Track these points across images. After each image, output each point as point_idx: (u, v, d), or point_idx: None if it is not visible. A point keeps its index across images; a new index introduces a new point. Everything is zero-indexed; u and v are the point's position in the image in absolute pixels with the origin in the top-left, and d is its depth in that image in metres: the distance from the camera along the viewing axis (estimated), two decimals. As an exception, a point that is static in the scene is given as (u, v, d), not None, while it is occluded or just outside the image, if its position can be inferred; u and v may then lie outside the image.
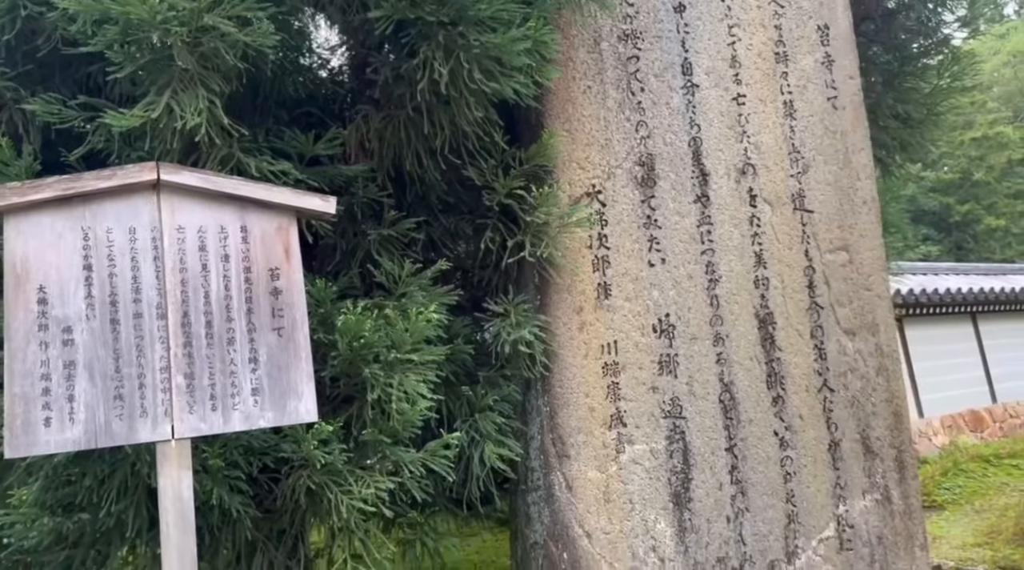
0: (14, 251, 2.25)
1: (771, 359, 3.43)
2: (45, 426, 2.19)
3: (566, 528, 3.18)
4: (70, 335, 2.26)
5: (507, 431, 3.35)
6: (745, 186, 3.53)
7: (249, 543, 3.02)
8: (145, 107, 2.58)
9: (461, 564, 7.26)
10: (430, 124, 3.11)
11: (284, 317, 2.54)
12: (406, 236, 3.43)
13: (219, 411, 2.39)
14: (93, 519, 2.74)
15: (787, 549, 3.31)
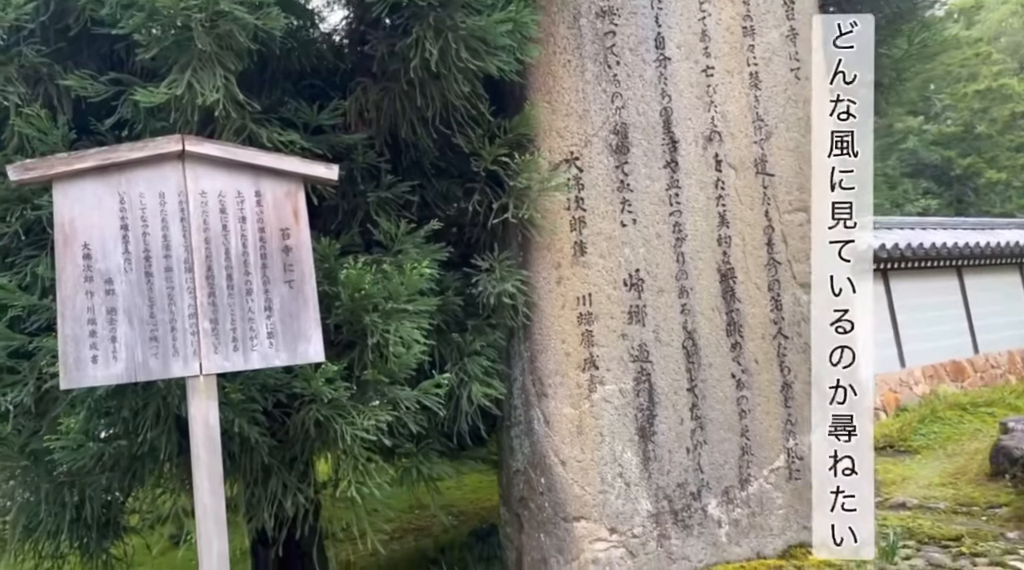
0: (62, 213, 2.61)
1: (731, 310, 3.81)
2: (93, 363, 2.59)
3: (543, 457, 3.61)
4: (111, 285, 2.64)
5: (492, 373, 3.75)
6: (711, 152, 3.86)
7: (265, 468, 3.45)
8: (169, 84, 2.92)
9: (458, 501, 7.77)
10: (422, 97, 3.43)
11: (294, 271, 2.91)
12: (402, 198, 3.78)
13: (240, 352, 2.78)
14: (129, 445, 3.16)
15: (741, 477, 3.74)
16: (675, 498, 3.62)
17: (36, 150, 3.12)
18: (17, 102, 3.09)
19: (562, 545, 3.52)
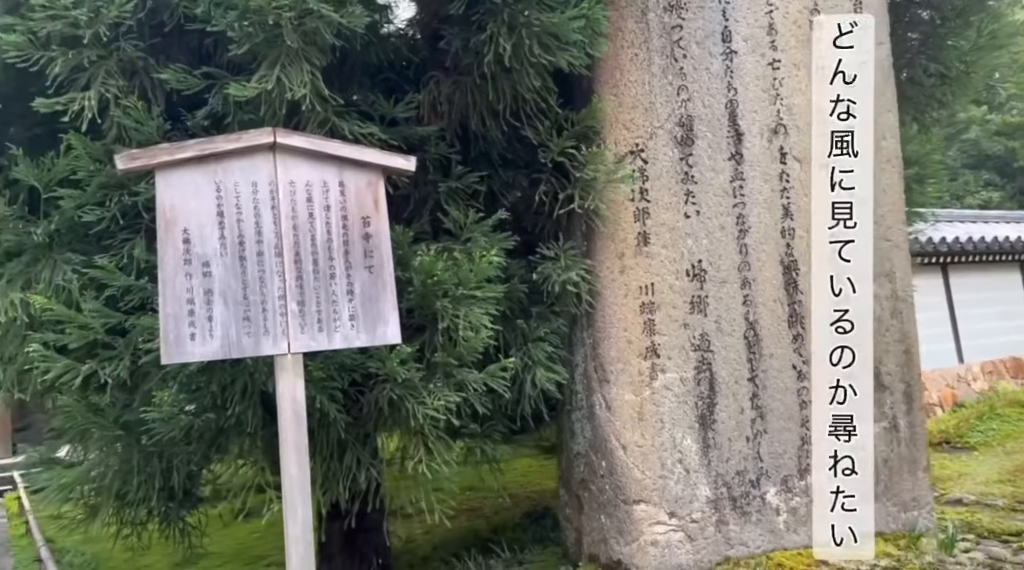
0: (164, 200, 2.80)
1: (793, 301, 3.86)
2: (191, 340, 2.77)
3: (605, 441, 3.72)
4: (208, 268, 2.82)
5: (555, 359, 3.87)
6: (777, 145, 3.90)
7: (340, 443, 3.63)
8: (259, 79, 3.08)
9: (508, 484, 7.92)
10: (494, 90, 3.55)
11: (374, 257, 3.06)
12: (470, 188, 3.91)
13: (324, 332, 2.94)
14: (217, 418, 3.36)
15: (800, 466, 3.80)
16: (734, 485, 3.70)
17: (133, 140, 3.32)
18: (116, 94, 3.28)
19: (622, 527, 3.63)
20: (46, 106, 3.15)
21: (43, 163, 3.40)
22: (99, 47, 3.25)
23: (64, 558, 7.10)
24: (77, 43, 3.19)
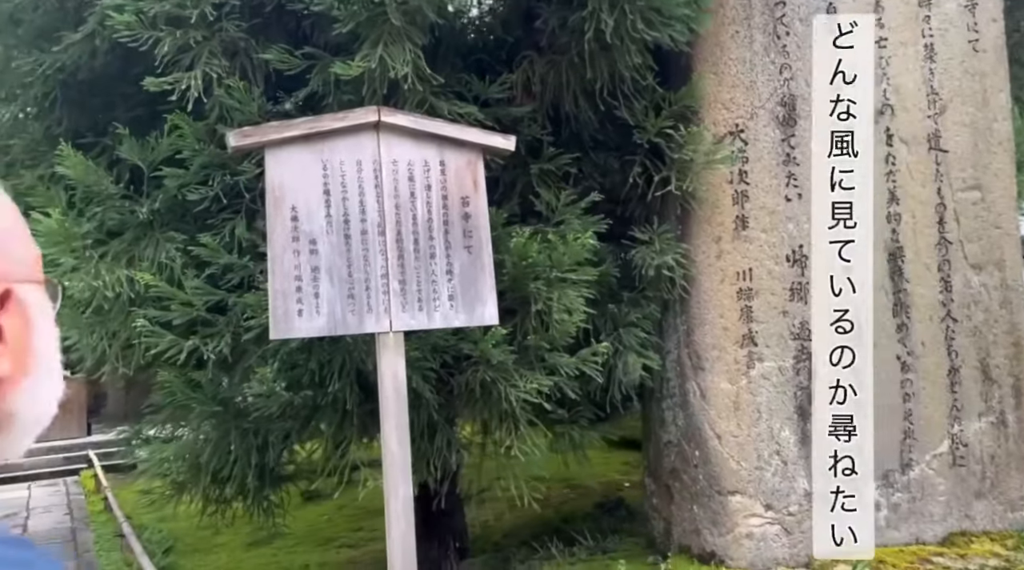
0: (272, 178, 2.82)
1: (898, 289, 3.71)
2: (299, 316, 2.79)
3: (698, 430, 3.63)
4: (315, 246, 2.83)
5: (647, 345, 3.80)
6: (883, 126, 3.75)
7: (431, 424, 3.63)
8: (363, 58, 3.08)
9: (576, 475, 7.85)
10: (591, 69, 3.48)
11: (473, 238, 3.03)
12: (561, 170, 3.85)
13: (424, 311, 2.93)
14: (314, 395, 3.39)
15: (902, 461, 3.66)
16: (833, 478, 3.58)
17: (235, 119, 3.36)
18: (219, 74, 3.32)
19: (716, 518, 3.54)
20: (155, 85, 3.20)
21: (147, 143, 3.46)
22: (204, 27, 3.28)
23: (143, 535, 7.33)
24: (183, 23, 3.23)
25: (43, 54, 3.48)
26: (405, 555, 2.81)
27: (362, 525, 7.17)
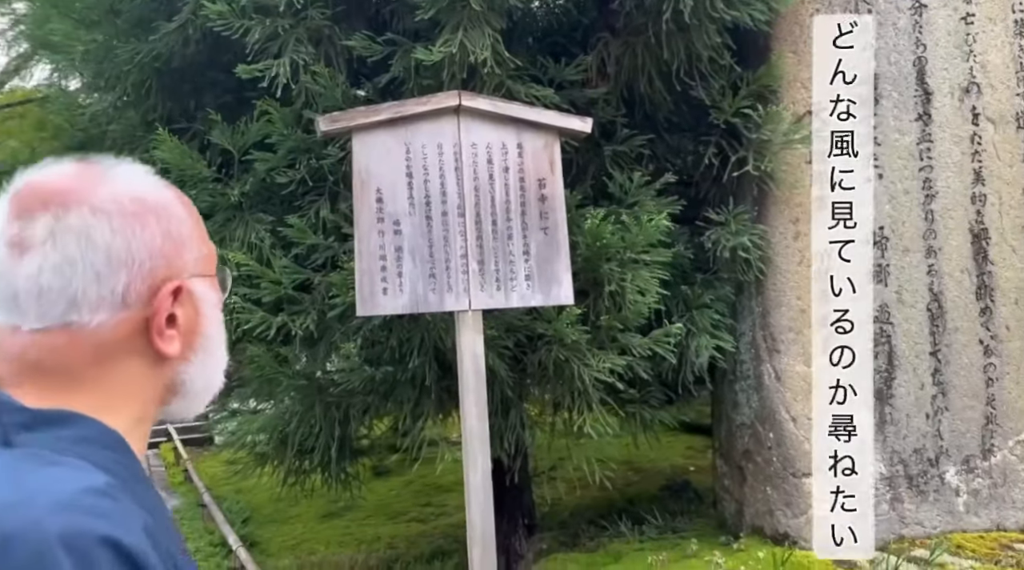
0: (359, 161, 2.92)
1: (982, 272, 3.62)
2: (383, 294, 2.90)
3: (773, 412, 3.63)
4: (398, 227, 2.93)
5: (721, 326, 3.80)
6: (968, 105, 3.65)
7: (505, 401, 3.72)
8: (443, 44, 3.15)
9: (636, 458, 7.88)
10: (667, 49, 3.48)
11: (549, 219, 3.09)
12: (635, 151, 3.87)
13: (502, 291, 3.01)
14: (395, 371, 3.52)
15: (983, 446, 3.59)
16: (911, 463, 3.54)
17: (320, 105, 3.48)
18: (306, 61, 3.44)
19: (790, 499, 3.55)
20: (246, 72, 3.34)
21: (237, 128, 3.62)
22: (290, 16, 3.41)
23: (223, 505, 7.67)
24: (271, 12, 3.36)
25: (140, 43, 3.66)
26: (484, 525, 2.91)
27: (430, 500, 7.36)
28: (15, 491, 0.69)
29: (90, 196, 0.81)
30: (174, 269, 0.83)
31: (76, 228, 0.79)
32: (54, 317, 0.78)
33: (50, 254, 0.78)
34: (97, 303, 0.79)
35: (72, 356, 0.79)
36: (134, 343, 0.81)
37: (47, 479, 0.72)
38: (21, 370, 0.79)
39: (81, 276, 0.78)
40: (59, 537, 0.66)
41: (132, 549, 0.69)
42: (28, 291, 0.78)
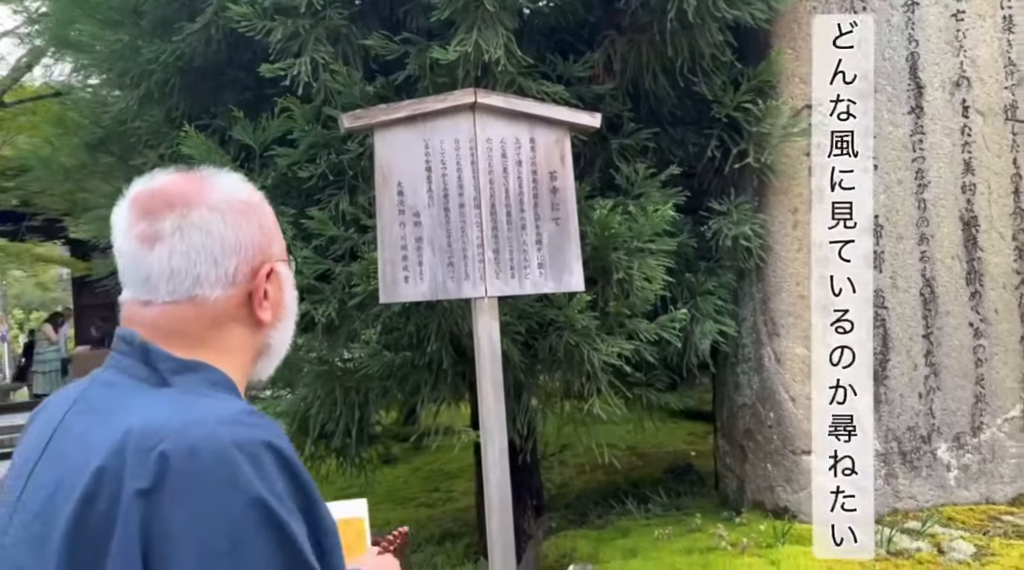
0: (381, 156, 3.08)
1: (972, 258, 3.80)
2: (405, 282, 3.06)
3: (773, 393, 3.81)
4: (418, 218, 3.09)
5: (723, 312, 3.97)
6: (959, 98, 3.81)
7: (517, 384, 3.89)
8: (459, 43, 3.30)
9: (639, 443, 8.07)
10: (671, 47, 3.63)
11: (560, 210, 3.25)
12: (640, 145, 4.03)
13: (516, 278, 3.17)
14: (413, 356, 3.68)
15: (973, 424, 3.77)
16: (904, 440, 3.72)
17: (338, 103, 3.63)
18: (325, 59, 3.59)
19: (790, 475, 3.73)
20: (269, 71, 3.49)
21: (258, 124, 3.77)
22: (310, 16, 3.55)
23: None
24: (293, 12, 3.50)
25: (163, 43, 3.81)
26: (502, 500, 3.08)
27: (438, 486, 7.53)
28: (189, 414, 0.90)
29: (206, 198, 1.03)
30: (267, 255, 1.06)
31: (198, 223, 1.00)
32: (182, 293, 1.00)
33: (178, 244, 0.99)
34: (215, 281, 1.01)
35: (196, 322, 1.00)
36: (239, 312, 1.03)
37: (210, 405, 0.93)
38: (155, 334, 0.99)
39: (203, 260, 1.00)
40: (233, 443, 0.87)
41: (285, 451, 0.91)
42: (160, 273, 0.99)
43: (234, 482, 0.85)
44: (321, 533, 0.93)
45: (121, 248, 1.01)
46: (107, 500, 0.85)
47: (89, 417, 0.94)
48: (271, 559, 0.85)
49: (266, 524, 0.85)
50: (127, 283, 1.02)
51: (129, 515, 0.83)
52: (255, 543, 0.84)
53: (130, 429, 0.88)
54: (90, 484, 0.86)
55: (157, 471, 0.84)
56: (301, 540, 0.88)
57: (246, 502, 0.85)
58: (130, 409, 0.91)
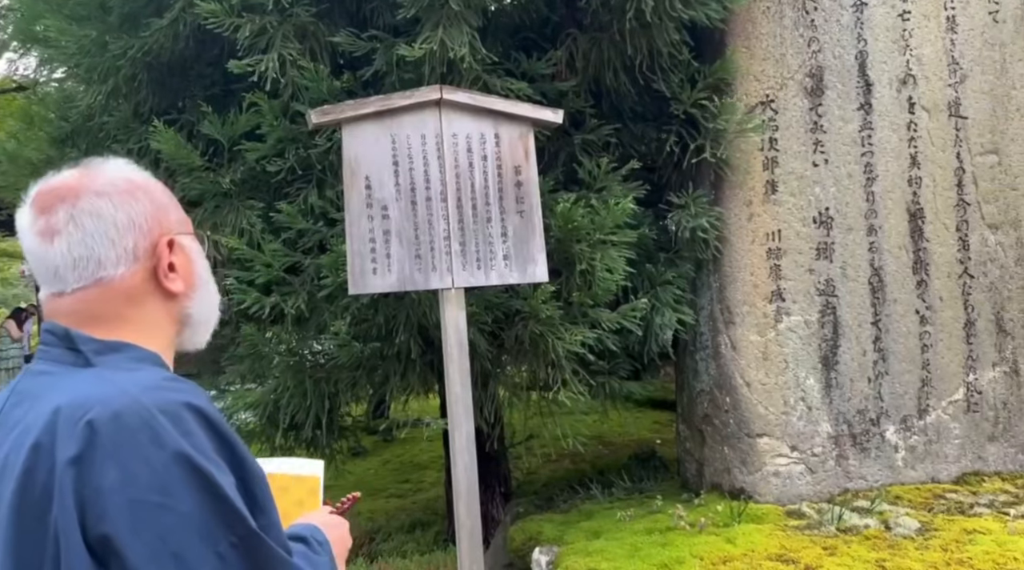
0: (349, 151, 3.16)
1: (918, 248, 3.98)
2: (373, 274, 3.15)
3: (729, 379, 3.96)
4: (386, 212, 3.18)
5: (682, 301, 4.11)
6: (905, 95, 3.99)
7: (484, 373, 3.99)
8: (424, 40, 3.39)
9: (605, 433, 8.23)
10: (631, 45, 3.75)
11: (524, 203, 3.36)
12: (602, 140, 4.15)
13: (482, 270, 3.28)
14: (382, 347, 3.77)
15: (919, 407, 3.96)
16: (855, 423, 3.89)
17: (306, 98, 3.69)
18: (292, 56, 3.65)
19: (745, 458, 3.88)
20: (238, 67, 3.54)
21: (227, 119, 3.81)
22: (278, 13, 3.61)
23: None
24: (260, 9, 3.56)
25: (131, 38, 3.83)
26: (469, 486, 3.19)
27: (408, 477, 7.62)
28: (113, 386, 0.98)
29: (92, 185, 1.10)
30: (164, 227, 1.13)
31: (88, 209, 1.08)
32: (88, 278, 1.07)
33: (74, 233, 1.07)
34: (117, 260, 1.08)
35: (110, 302, 1.08)
36: (149, 286, 1.10)
37: (132, 377, 1.01)
38: (76, 321, 1.07)
39: (100, 243, 1.08)
40: (154, 405, 0.96)
41: (206, 410, 0.99)
42: (65, 264, 1.08)
43: (157, 440, 0.93)
44: (250, 482, 1.00)
45: (28, 248, 1.09)
46: (44, 472, 0.93)
47: (24, 405, 1.02)
48: (200, 507, 0.93)
49: (191, 475, 0.93)
50: (40, 280, 1.10)
51: (64, 483, 0.91)
52: (183, 493, 0.92)
53: (59, 407, 0.95)
54: (28, 460, 0.94)
55: (85, 439, 0.92)
56: (228, 489, 0.95)
57: (170, 457, 0.92)
58: (59, 390, 0.99)
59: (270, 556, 0.98)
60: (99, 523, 0.90)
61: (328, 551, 1.20)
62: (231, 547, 0.94)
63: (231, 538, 0.94)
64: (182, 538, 0.91)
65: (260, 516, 0.99)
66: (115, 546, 0.90)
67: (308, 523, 1.26)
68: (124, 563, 0.90)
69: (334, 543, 1.23)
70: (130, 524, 0.90)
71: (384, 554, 5.04)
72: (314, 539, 1.19)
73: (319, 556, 1.17)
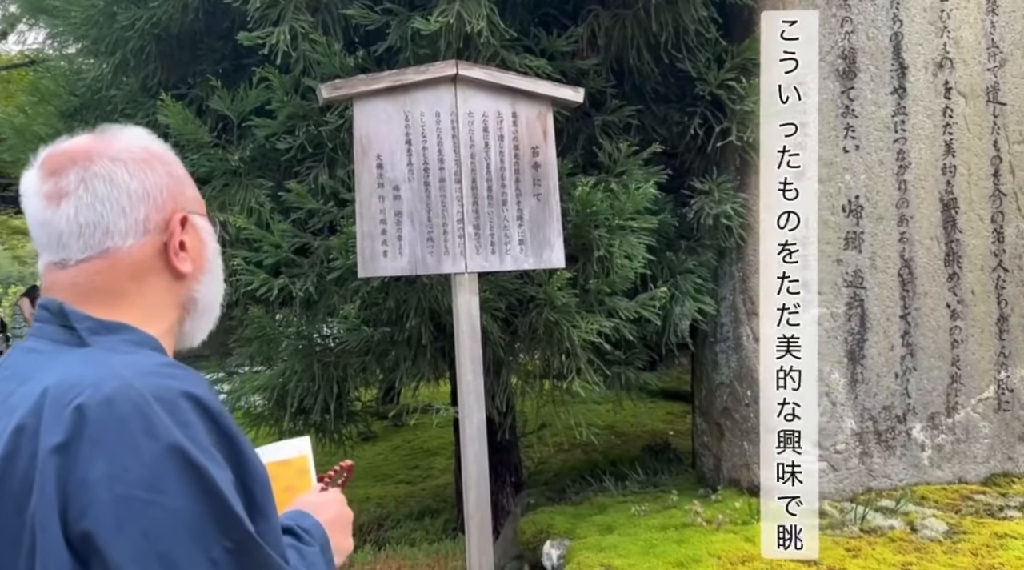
0: (360, 128, 3.03)
1: (951, 240, 3.82)
2: (384, 256, 3.03)
3: (751, 371, 3.83)
4: (398, 192, 3.05)
5: (703, 290, 3.98)
6: (941, 79, 3.81)
7: (496, 360, 3.88)
8: (441, 13, 3.25)
9: (618, 423, 8.12)
10: (656, 22, 3.60)
11: (542, 185, 3.23)
12: (623, 122, 4.00)
13: (496, 254, 3.15)
14: (392, 332, 3.66)
15: (948, 404, 3.81)
16: (880, 419, 3.75)
17: (318, 73, 3.57)
18: (304, 29, 3.52)
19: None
20: (248, 40, 3.42)
21: (236, 94, 3.70)
22: (290, -15, 3.48)
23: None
24: (272, -20, 3.43)
25: (139, 9, 3.72)
26: (479, 475, 3.08)
27: (418, 463, 7.55)
28: (106, 369, 0.89)
29: (107, 150, 1.01)
30: (179, 202, 1.05)
31: (101, 174, 0.99)
32: (95, 247, 0.98)
33: (84, 196, 0.98)
34: (126, 231, 0.99)
35: (113, 276, 0.99)
36: (156, 263, 1.02)
37: (127, 360, 0.92)
38: (76, 295, 0.98)
39: (111, 210, 0.99)
40: (149, 392, 0.86)
41: (205, 400, 0.90)
42: (70, 230, 0.98)
43: (151, 430, 0.84)
44: (250, 480, 0.91)
45: (32, 212, 1.00)
46: (26, 458, 0.85)
47: (11, 383, 0.94)
48: (193, 505, 0.84)
49: (185, 470, 0.84)
50: (41, 247, 1.01)
51: (46, 471, 0.83)
52: (174, 491, 0.83)
53: (47, 388, 0.87)
54: (9, 443, 0.86)
55: (73, 425, 0.84)
56: (224, 487, 0.86)
57: (163, 449, 0.84)
58: (49, 370, 0.91)
59: (267, 565, 0.89)
60: (81, 518, 0.82)
61: (319, 537, 1.11)
62: (225, 553, 0.85)
63: (225, 542, 0.85)
64: (170, 537, 0.83)
65: (259, 520, 0.90)
66: (97, 544, 0.81)
67: (292, 510, 1.16)
68: (106, 563, 0.81)
69: (329, 524, 1.15)
70: (114, 521, 0.82)
71: (392, 542, 4.96)
72: (299, 527, 1.10)
73: (309, 546, 1.08)
